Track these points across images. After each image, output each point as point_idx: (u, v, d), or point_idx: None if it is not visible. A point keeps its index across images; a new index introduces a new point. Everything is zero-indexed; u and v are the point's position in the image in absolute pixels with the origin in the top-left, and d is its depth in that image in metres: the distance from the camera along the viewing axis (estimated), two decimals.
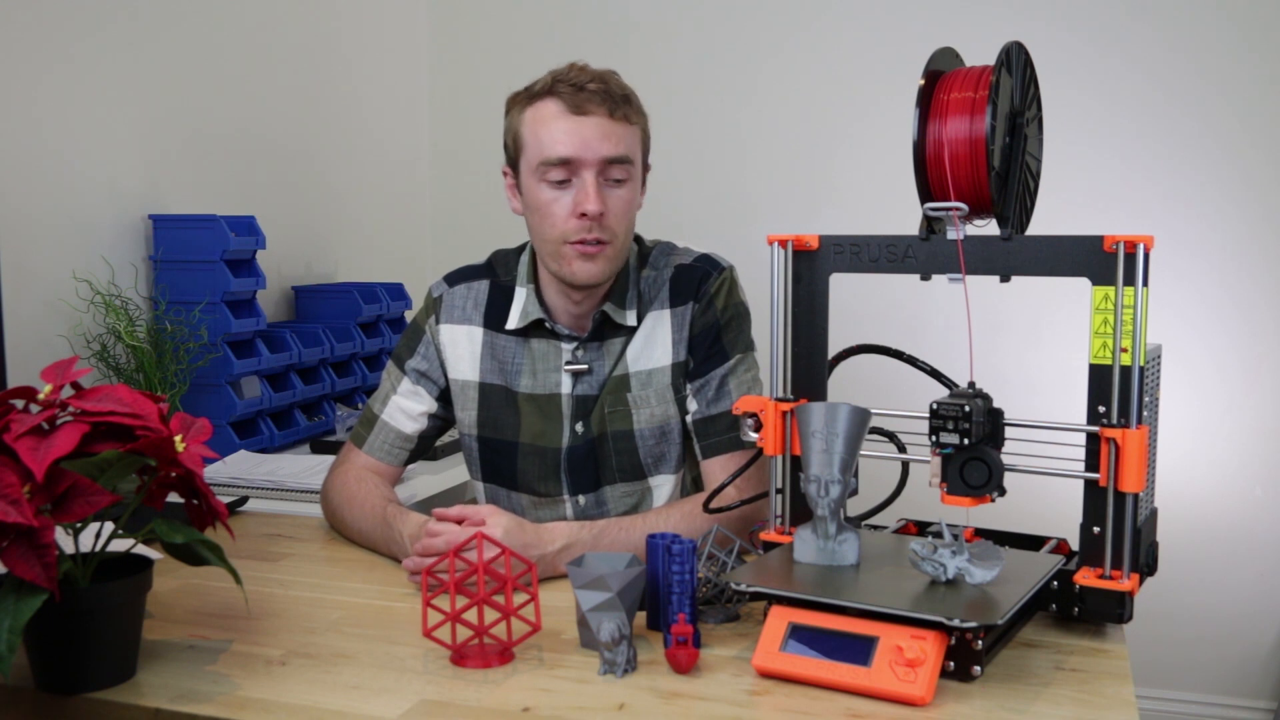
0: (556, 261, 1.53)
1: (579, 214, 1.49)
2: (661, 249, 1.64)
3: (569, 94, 1.49)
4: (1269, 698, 2.71)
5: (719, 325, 1.58)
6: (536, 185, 1.51)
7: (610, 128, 1.49)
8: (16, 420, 0.99)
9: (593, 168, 1.49)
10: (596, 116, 1.49)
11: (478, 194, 3.20)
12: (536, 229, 1.54)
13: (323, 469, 1.95)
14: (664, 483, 1.61)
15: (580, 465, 1.60)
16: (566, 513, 1.62)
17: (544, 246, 1.54)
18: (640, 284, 1.61)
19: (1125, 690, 1.05)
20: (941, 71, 1.23)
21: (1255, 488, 2.67)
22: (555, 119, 1.49)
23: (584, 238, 1.50)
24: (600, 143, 1.48)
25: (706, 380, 1.57)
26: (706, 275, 1.60)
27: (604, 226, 1.50)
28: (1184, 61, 2.63)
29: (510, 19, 3.13)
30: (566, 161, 1.48)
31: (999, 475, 1.14)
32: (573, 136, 1.48)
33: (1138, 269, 1.10)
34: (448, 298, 1.66)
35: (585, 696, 1.05)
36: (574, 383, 1.59)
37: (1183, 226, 2.65)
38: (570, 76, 1.50)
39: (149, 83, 2.19)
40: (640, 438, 1.58)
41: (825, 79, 2.88)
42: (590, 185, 1.48)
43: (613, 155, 1.49)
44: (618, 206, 1.52)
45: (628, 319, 1.59)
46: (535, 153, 1.50)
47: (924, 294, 1.71)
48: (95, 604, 1.05)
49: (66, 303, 1.97)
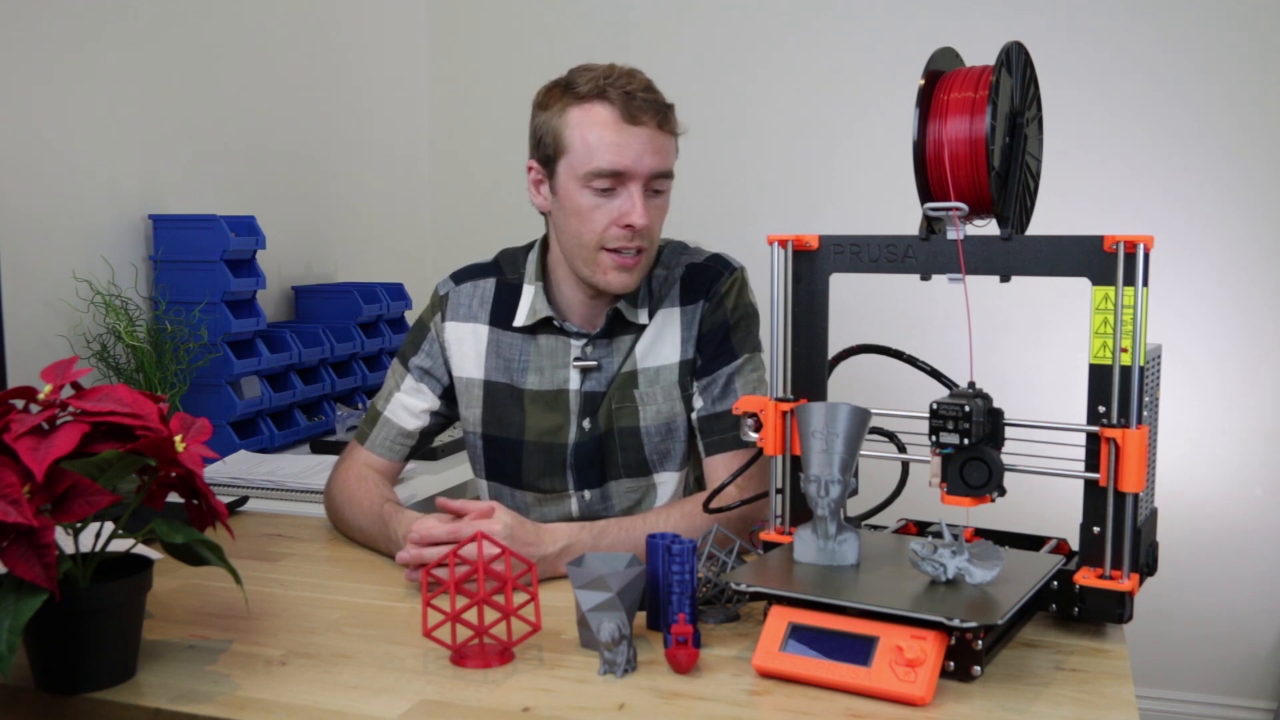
0: (590, 267, 1.53)
1: (624, 225, 1.49)
2: (673, 248, 1.65)
3: (621, 102, 1.47)
4: (1269, 698, 2.71)
5: (728, 324, 1.58)
6: (579, 190, 1.50)
7: (660, 140, 1.50)
8: (16, 420, 0.99)
9: (640, 180, 1.49)
10: (648, 128, 1.48)
11: (478, 194, 3.21)
12: (572, 231, 1.53)
13: (323, 469, 1.96)
14: (668, 480, 1.61)
15: (587, 461, 1.60)
16: (571, 508, 1.63)
17: (577, 250, 1.53)
18: (652, 282, 1.61)
19: (1125, 690, 1.05)
20: (941, 71, 1.23)
21: (1255, 488, 2.67)
22: (607, 127, 1.47)
23: (624, 246, 1.50)
24: (651, 156, 1.49)
25: (713, 378, 1.57)
26: (718, 275, 1.61)
27: (644, 236, 1.51)
28: (1184, 61, 2.63)
29: (510, 19, 3.13)
30: (617, 174, 1.48)
31: (999, 475, 1.14)
32: (625, 149, 1.47)
33: (1138, 269, 1.10)
34: (454, 295, 1.66)
35: (585, 696, 1.05)
36: (583, 379, 1.60)
37: (1182, 227, 2.65)
38: (620, 82, 1.49)
39: (149, 83, 2.19)
40: (646, 434, 1.59)
41: (825, 79, 2.88)
42: (638, 198, 1.48)
43: (661, 169, 1.50)
44: (657, 218, 1.53)
45: (639, 316, 1.59)
46: (583, 159, 1.48)
47: (924, 294, 1.70)
48: (95, 604, 1.05)
49: (66, 303, 1.97)
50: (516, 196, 3.13)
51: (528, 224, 1.65)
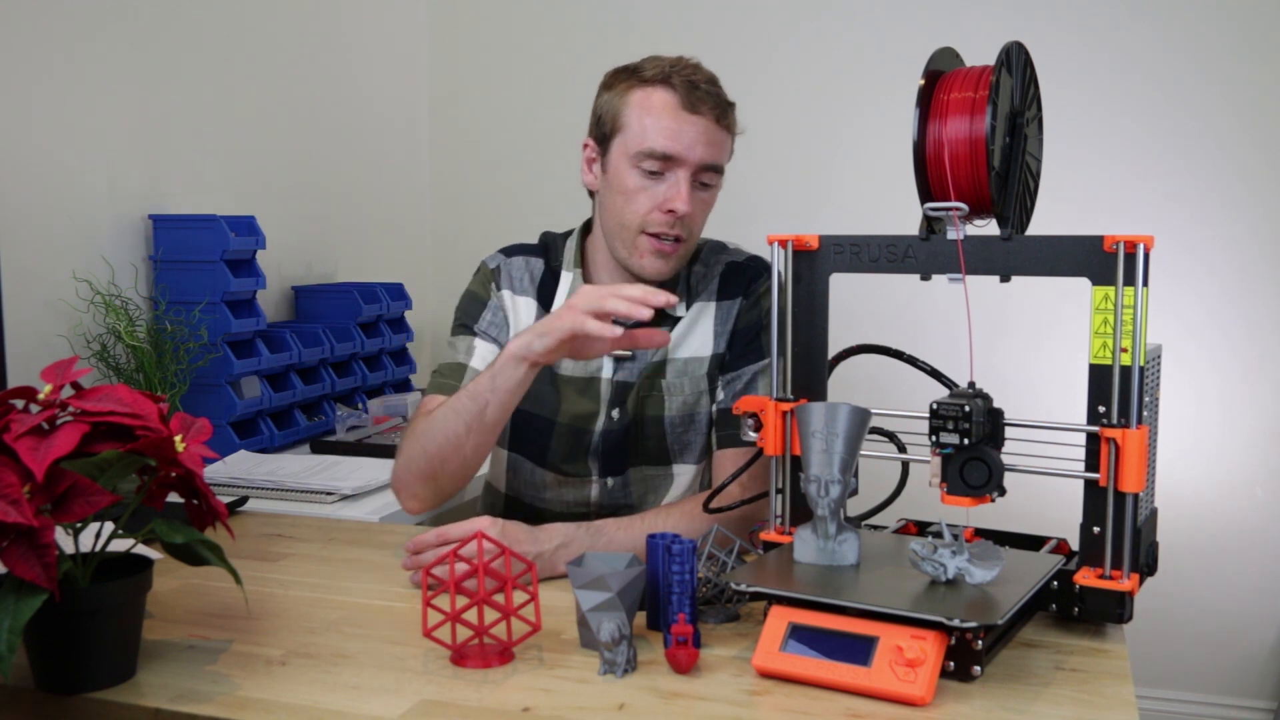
0: (628, 249, 1.54)
1: (667, 209, 1.50)
2: (712, 247, 1.67)
3: (684, 89, 1.50)
4: (1269, 698, 2.71)
5: (762, 324, 1.59)
6: (628, 170, 1.52)
7: (715, 133, 1.51)
8: (16, 420, 0.99)
9: (689, 168, 1.50)
10: (705, 119, 1.50)
11: (478, 194, 3.21)
12: (616, 210, 1.55)
13: (323, 469, 1.96)
14: (685, 471, 1.62)
15: (613, 449, 1.61)
16: (592, 494, 1.64)
17: (618, 230, 1.55)
18: (690, 277, 1.63)
19: (1125, 690, 1.05)
20: (941, 71, 1.23)
21: (1255, 488, 2.67)
22: (666, 111, 1.50)
23: (663, 232, 1.51)
24: (704, 147, 1.50)
25: (738, 374, 1.59)
26: (758, 274, 1.63)
27: (685, 225, 1.52)
28: (1184, 62, 2.63)
29: (510, 19, 3.13)
30: (668, 157, 1.49)
31: (999, 475, 1.14)
32: (679, 135, 1.49)
33: (1138, 269, 1.10)
34: (506, 267, 1.67)
35: (585, 696, 1.05)
36: (615, 368, 1.61)
37: (1183, 227, 2.65)
38: (685, 72, 1.51)
39: (149, 83, 2.19)
40: (670, 424, 1.60)
41: (825, 79, 2.88)
42: (684, 185, 1.50)
43: (710, 162, 1.52)
44: (700, 211, 1.55)
45: (677, 310, 1.60)
46: (637, 139, 1.51)
47: (924, 294, 1.71)
48: (95, 604, 1.05)
49: (66, 303, 1.97)
50: (517, 196, 3.15)
51: (528, 224, 1.65)
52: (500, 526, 1.37)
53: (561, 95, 3.03)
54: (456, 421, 1.46)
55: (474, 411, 1.44)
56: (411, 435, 1.55)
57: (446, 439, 1.47)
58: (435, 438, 1.49)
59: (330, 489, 1.82)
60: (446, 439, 1.47)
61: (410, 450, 1.53)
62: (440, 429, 1.48)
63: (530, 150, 3.11)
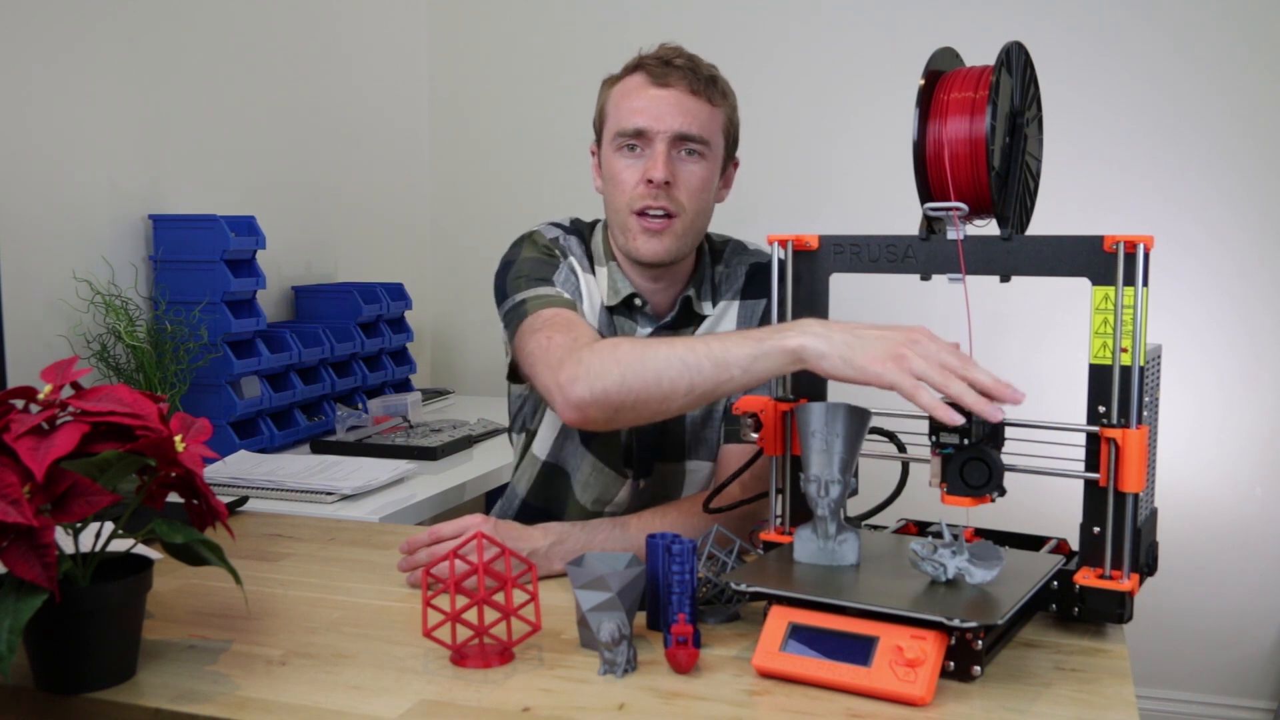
0: (624, 235, 1.53)
1: (645, 180, 1.48)
2: (734, 247, 1.66)
3: (654, 66, 1.50)
4: (1269, 698, 2.71)
5: None
6: (613, 155, 1.52)
7: (689, 103, 1.49)
8: (16, 420, 0.99)
9: (664, 139, 1.48)
10: (677, 89, 1.49)
11: (478, 194, 3.21)
12: (609, 200, 1.55)
13: (323, 469, 1.96)
14: (699, 469, 1.62)
15: (642, 446, 1.60)
16: (623, 494, 1.62)
17: (614, 219, 1.55)
18: (715, 277, 1.62)
19: (1125, 690, 1.05)
20: (941, 71, 1.23)
21: (1255, 488, 2.67)
22: (636, 91, 1.50)
23: (648, 205, 1.48)
24: (675, 116, 1.48)
25: None
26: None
27: (671, 198, 1.49)
28: (1184, 62, 2.63)
29: (510, 19, 3.13)
30: (640, 132, 1.49)
31: (999, 475, 1.14)
32: (648, 109, 1.48)
33: (1138, 269, 1.10)
34: (564, 241, 1.59)
35: (585, 696, 1.05)
36: None
37: (1182, 227, 2.65)
38: (660, 53, 1.52)
39: (149, 82, 2.19)
40: (690, 420, 1.60)
41: (824, 79, 2.88)
42: (660, 155, 1.48)
43: (685, 131, 1.48)
44: (689, 180, 1.50)
45: (705, 308, 1.60)
46: (614, 124, 1.52)
47: (924, 294, 1.70)
48: (95, 604, 1.05)
49: (66, 303, 1.97)
50: (517, 196, 3.15)
51: (528, 224, 1.64)
52: (494, 524, 1.37)
53: (562, 96, 3.03)
54: (682, 374, 1.24)
55: (710, 377, 1.23)
56: (598, 351, 1.31)
57: (659, 386, 1.25)
58: (644, 375, 1.26)
59: (330, 489, 1.82)
60: (659, 386, 1.25)
61: (602, 367, 1.29)
62: (653, 368, 1.25)
63: (530, 150, 3.11)
